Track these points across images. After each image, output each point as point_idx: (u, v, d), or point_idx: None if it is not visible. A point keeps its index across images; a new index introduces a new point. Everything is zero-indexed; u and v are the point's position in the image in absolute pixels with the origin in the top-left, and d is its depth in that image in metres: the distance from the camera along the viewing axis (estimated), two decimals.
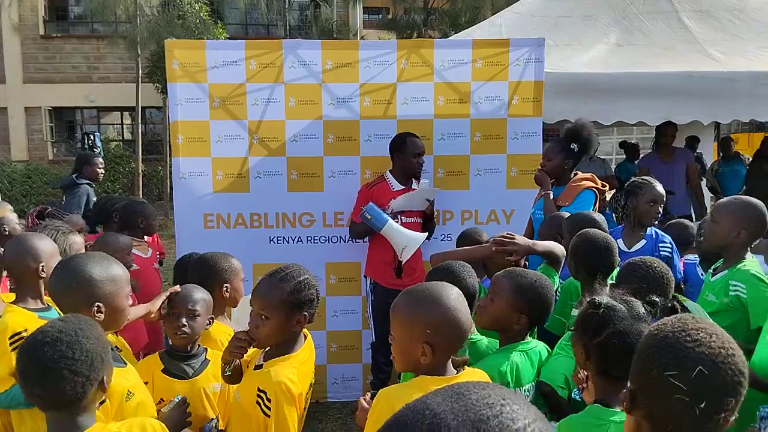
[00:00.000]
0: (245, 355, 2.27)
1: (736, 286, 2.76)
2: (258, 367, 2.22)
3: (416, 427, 0.73)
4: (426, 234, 4.22)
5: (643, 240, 3.62)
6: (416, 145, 4.31)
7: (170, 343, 2.67)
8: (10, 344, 2.48)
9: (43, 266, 2.62)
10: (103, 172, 6.34)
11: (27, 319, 2.56)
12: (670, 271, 2.57)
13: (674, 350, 1.29)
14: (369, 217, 4.10)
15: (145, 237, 4.65)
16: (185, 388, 2.51)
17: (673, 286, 2.53)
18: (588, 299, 1.97)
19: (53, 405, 1.69)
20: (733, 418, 1.29)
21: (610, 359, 1.86)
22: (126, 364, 2.24)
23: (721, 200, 3.06)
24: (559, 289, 3.07)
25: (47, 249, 2.68)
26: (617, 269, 2.85)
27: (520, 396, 0.79)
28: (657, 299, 2.02)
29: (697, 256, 3.88)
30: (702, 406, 1.24)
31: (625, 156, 9.01)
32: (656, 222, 3.69)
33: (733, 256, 2.89)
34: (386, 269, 4.31)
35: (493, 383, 0.84)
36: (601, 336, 1.87)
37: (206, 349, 2.67)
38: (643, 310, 1.93)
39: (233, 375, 2.32)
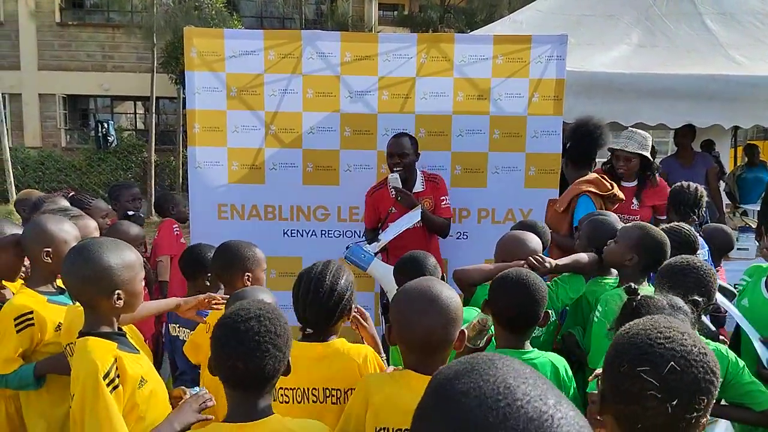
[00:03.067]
0: None
1: None
2: None
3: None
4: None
5: None
6: (392, 145, 4.20)
7: None
8: (16, 325, 2.46)
9: (48, 251, 2.59)
10: None
11: (36, 302, 2.55)
12: (714, 273, 2.46)
13: (645, 346, 1.27)
14: (352, 261, 3.92)
15: None
16: None
17: (716, 287, 2.43)
18: (624, 286, 1.90)
19: (247, 382, 1.68)
20: (705, 420, 1.25)
21: None
22: (139, 351, 2.20)
23: None
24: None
25: (59, 235, 2.63)
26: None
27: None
28: (699, 299, 1.94)
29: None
30: (674, 403, 1.21)
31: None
32: None
33: None
34: None
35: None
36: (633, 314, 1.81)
37: None
38: (683, 304, 1.86)
39: None
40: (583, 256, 2.98)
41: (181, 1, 14.03)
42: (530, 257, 2.86)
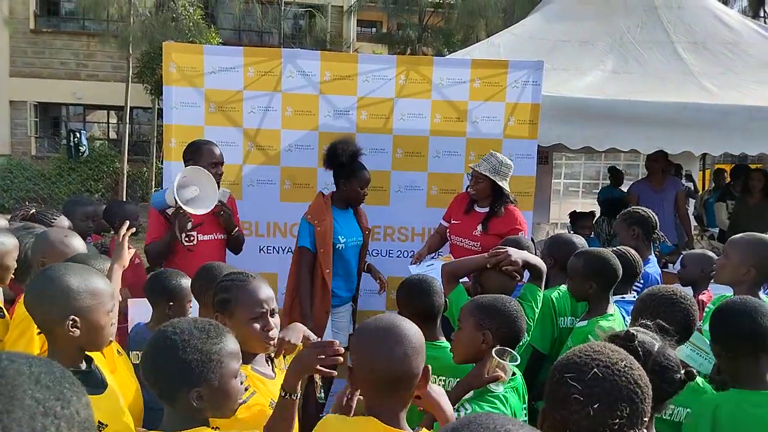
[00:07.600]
0: None
1: None
2: None
3: None
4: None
5: None
6: (210, 153, 3.87)
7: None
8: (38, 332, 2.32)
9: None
10: None
11: None
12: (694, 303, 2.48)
13: (575, 357, 1.40)
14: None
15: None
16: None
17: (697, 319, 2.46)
18: (623, 333, 1.90)
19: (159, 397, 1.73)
20: None
21: (659, 387, 1.80)
22: (104, 389, 1.98)
23: (735, 235, 2.95)
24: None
25: (64, 250, 2.60)
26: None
27: None
28: (670, 328, 1.98)
29: None
30: (595, 407, 1.30)
31: (609, 182, 9.10)
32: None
33: (746, 294, 2.76)
34: None
35: None
36: (647, 365, 1.83)
37: None
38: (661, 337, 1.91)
39: None
40: (542, 262, 3.03)
41: (158, 11, 13.95)
42: (491, 250, 2.98)
